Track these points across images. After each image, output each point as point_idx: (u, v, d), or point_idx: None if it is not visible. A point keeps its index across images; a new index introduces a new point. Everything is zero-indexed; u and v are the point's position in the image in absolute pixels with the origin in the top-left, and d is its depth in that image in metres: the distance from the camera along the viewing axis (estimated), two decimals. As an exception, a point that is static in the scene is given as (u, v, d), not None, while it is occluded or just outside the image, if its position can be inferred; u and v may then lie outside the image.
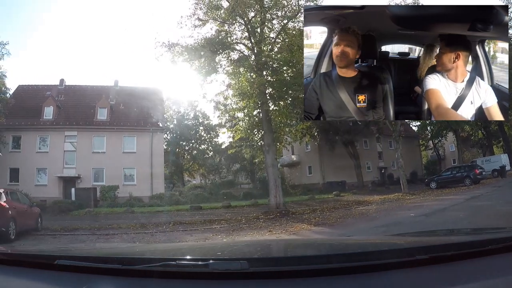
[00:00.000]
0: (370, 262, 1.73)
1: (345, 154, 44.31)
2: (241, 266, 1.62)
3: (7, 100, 34.40)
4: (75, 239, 14.45)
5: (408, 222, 13.25)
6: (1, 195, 14.11)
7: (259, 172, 45.42)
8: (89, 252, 2.88)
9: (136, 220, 19.71)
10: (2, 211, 13.55)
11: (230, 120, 31.39)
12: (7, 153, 34.01)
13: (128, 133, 37.35)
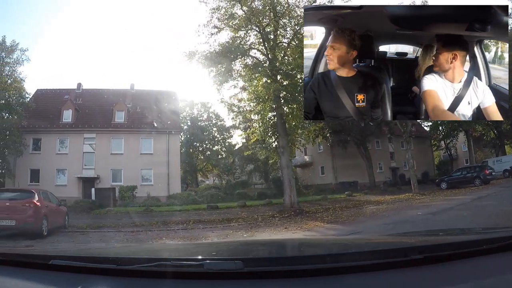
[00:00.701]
0: (364, 262, 1.76)
1: (357, 154, 44.61)
2: (236, 266, 1.65)
3: (28, 104, 35.64)
4: (104, 235, 15.47)
5: (415, 220, 14.07)
6: (35, 195, 15.24)
7: (272, 172, 45.82)
8: (84, 252, 2.87)
9: (157, 218, 20.62)
10: (36, 209, 14.62)
11: (245, 122, 32.30)
12: (28, 155, 35.32)
13: (145, 135, 38.46)
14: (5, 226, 14.10)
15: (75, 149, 37.40)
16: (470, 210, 15.06)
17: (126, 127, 38.61)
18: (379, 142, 48.65)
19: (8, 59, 34.86)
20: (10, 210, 14.28)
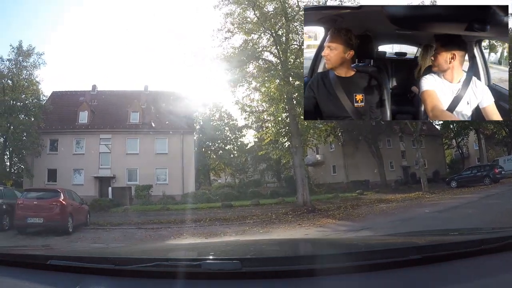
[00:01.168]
0: (363, 262, 1.77)
1: (369, 153, 44.80)
2: (234, 266, 1.66)
3: (45, 106, 36.97)
4: (126, 232, 16.38)
5: (421, 217, 14.92)
6: (60, 194, 16.18)
7: (285, 171, 46.23)
8: (82, 252, 2.87)
9: (174, 216, 21.47)
10: (62, 208, 15.57)
11: (257, 122, 33.00)
12: (45, 155, 36.62)
13: (159, 135, 39.36)
14: (34, 223, 15.12)
15: (91, 149, 38.38)
16: (476, 208, 15.76)
17: (141, 128, 39.51)
18: (390, 141, 48.94)
19: (25, 63, 36.15)
20: (38, 209, 15.29)
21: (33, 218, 15.10)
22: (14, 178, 40.16)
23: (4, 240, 14.25)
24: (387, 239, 3.19)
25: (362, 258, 1.84)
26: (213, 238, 13.05)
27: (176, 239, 13.73)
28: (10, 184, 35.64)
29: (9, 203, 17.02)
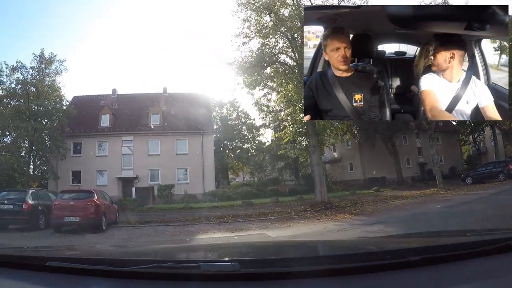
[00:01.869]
0: (361, 263, 1.77)
1: (385, 150, 45.42)
2: (232, 267, 1.67)
3: (69, 111, 38.58)
4: (155, 229, 17.45)
5: (432, 212, 15.82)
6: (94, 194, 17.48)
7: (302, 169, 46.56)
8: (81, 253, 2.87)
9: (197, 213, 22.50)
10: (96, 207, 16.84)
11: (274, 121, 34.01)
12: (69, 158, 38.25)
13: (180, 136, 40.68)
14: (71, 222, 16.34)
15: (114, 151, 40.12)
16: (485, 204, 16.58)
17: (162, 129, 40.99)
18: (407, 138, 49.26)
19: (47, 70, 38.01)
20: (74, 208, 16.54)
21: (70, 217, 16.28)
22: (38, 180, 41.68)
23: (43, 238, 15.16)
24: (386, 241, 3.20)
25: (361, 260, 1.86)
26: (238, 233, 14.20)
27: (204, 234, 14.84)
28: (35, 186, 37.25)
29: (44, 204, 18.45)
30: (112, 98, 45.52)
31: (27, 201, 17.68)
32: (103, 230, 16.72)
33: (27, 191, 19.75)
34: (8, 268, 2.07)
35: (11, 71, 41.37)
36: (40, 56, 37.50)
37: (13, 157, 39.37)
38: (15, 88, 39.81)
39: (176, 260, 2.08)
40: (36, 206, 17.93)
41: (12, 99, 39.77)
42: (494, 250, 1.92)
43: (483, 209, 14.98)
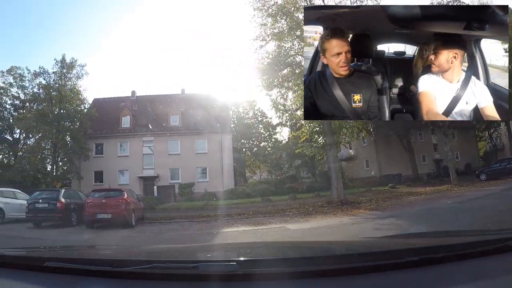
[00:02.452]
0: (360, 264, 1.79)
1: (401, 147, 45.80)
2: (231, 268, 1.70)
3: (91, 113, 40.43)
4: (182, 224, 18.74)
5: (443, 207, 16.71)
6: (124, 192, 18.83)
7: (319, 167, 46.92)
8: (79, 254, 2.88)
9: (219, 210, 23.82)
10: (127, 204, 18.15)
11: (291, 119, 34.93)
12: (91, 158, 40.27)
13: (199, 136, 42.01)
14: (103, 218, 17.52)
15: (135, 151, 41.82)
16: (495, 200, 17.40)
17: (181, 130, 42.51)
18: (422, 134, 49.20)
19: (69, 74, 39.95)
20: (106, 206, 17.77)
21: (102, 214, 17.45)
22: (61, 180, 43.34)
23: (77, 234, 16.29)
24: (385, 241, 3.20)
25: (360, 260, 1.88)
26: (260, 226, 15.35)
27: (229, 228, 15.95)
28: (59, 186, 38.91)
29: (75, 202, 19.93)
30: (132, 100, 47.33)
31: (60, 200, 19.02)
32: (132, 226, 17.85)
33: (60, 190, 21.26)
34: (6, 268, 2.09)
35: (33, 76, 43.64)
36: (62, 61, 39.60)
37: (37, 159, 41.28)
38: (38, 92, 41.89)
39: (174, 260, 2.11)
40: (69, 204, 19.26)
41: (35, 103, 41.63)
42: (493, 250, 1.95)
43: (492, 204, 15.77)
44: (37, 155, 42.01)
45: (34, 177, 40.63)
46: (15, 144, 48.08)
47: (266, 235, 12.77)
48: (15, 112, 48.58)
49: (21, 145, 48.23)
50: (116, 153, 41.90)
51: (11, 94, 48.34)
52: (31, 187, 32.06)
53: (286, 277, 1.71)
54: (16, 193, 23.27)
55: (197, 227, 17.44)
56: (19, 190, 24.54)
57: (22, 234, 16.06)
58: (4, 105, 48.47)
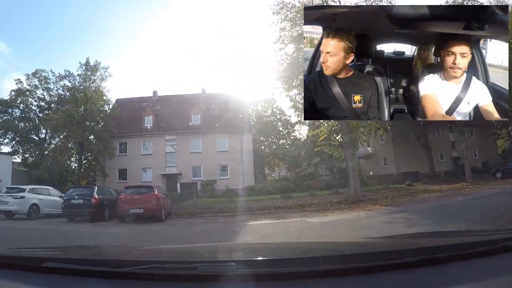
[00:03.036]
0: (359, 264, 1.81)
1: (418, 145, 46.27)
2: (229, 268, 1.74)
3: (115, 113, 42.42)
4: (208, 218, 20.17)
5: (454, 204, 17.80)
6: (155, 189, 20.43)
7: (337, 164, 47.45)
8: (78, 254, 2.86)
9: (241, 206, 25.05)
10: (157, 200, 19.74)
11: (310, 118, 35.97)
12: (116, 157, 42.02)
13: (220, 134, 43.40)
14: (136, 213, 18.98)
15: (158, 150, 43.49)
16: (505, 197, 18.37)
17: (203, 128, 44.04)
18: (440, 132, 49.60)
19: (93, 76, 42.03)
20: (138, 201, 19.33)
21: (135, 209, 18.94)
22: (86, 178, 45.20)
23: (113, 227, 17.52)
24: (385, 242, 3.21)
25: (359, 260, 1.90)
26: (282, 220, 16.77)
27: (253, 221, 17.45)
28: (84, 183, 40.80)
29: (108, 198, 21.58)
30: (154, 100, 49.28)
31: (94, 196, 20.70)
32: (162, 220, 19.38)
33: (94, 187, 22.95)
34: (4, 269, 2.09)
35: (57, 78, 45.80)
36: (86, 64, 41.63)
37: (63, 157, 43.22)
38: (63, 94, 43.89)
39: (173, 261, 2.12)
40: (102, 200, 20.95)
41: (61, 104, 43.59)
42: (492, 250, 1.96)
43: (501, 201, 16.60)
44: (63, 154, 43.92)
45: (60, 175, 42.54)
46: (41, 143, 50.09)
47: (287, 227, 14.05)
48: (40, 113, 50.73)
49: (47, 145, 50.35)
50: (140, 151, 43.61)
51: (37, 96, 50.46)
52: (57, 184, 33.72)
53: (285, 277, 1.73)
54: (49, 190, 25.05)
55: (223, 220, 18.89)
56: (51, 187, 26.34)
57: (59, 228, 17.36)
58: (30, 107, 50.63)
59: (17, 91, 49.02)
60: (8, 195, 22.14)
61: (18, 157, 48.75)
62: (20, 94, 48.90)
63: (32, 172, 43.81)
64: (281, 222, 15.95)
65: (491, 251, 1.97)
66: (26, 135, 49.89)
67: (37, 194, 23.22)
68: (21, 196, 21.87)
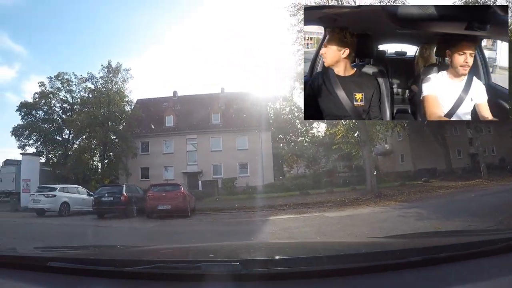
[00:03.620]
0: (362, 264, 1.82)
1: (435, 142, 46.59)
2: (233, 268, 1.73)
3: (137, 113, 43.88)
4: (231, 214, 21.37)
5: (465, 199, 18.76)
6: (181, 187, 21.76)
7: (355, 161, 47.78)
8: (82, 254, 2.85)
9: (262, 202, 25.84)
10: (184, 197, 20.93)
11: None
12: (138, 156, 43.40)
13: (239, 133, 44.71)
14: (164, 209, 19.90)
15: (179, 148, 44.99)
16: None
17: (223, 128, 45.31)
18: (457, 129, 49.67)
19: (115, 78, 43.50)
20: (166, 198, 20.34)
21: (163, 205, 19.92)
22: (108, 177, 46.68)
23: (142, 222, 18.45)
24: (387, 241, 3.22)
25: (361, 260, 1.92)
26: (302, 215, 17.93)
27: (275, 216, 18.55)
28: (107, 182, 42.28)
29: (135, 195, 22.80)
30: (174, 100, 50.77)
31: (123, 194, 21.69)
32: (188, 216, 20.37)
33: (122, 186, 24.06)
34: (8, 268, 2.11)
35: (80, 81, 47.59)
36: (108, 67, 43.12)
37: (87, 157, 44.86)
38: (86, 96, 45.47)
39: (177, 260, 2.17)
40: (131, 198, 21.95)
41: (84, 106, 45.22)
42: (496, 250, 1.97)
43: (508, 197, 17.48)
44: (87, 154, 45.56)
45: (84, 174, 44.21)
46: (65, 144, 51.82)
47: (307, 221, 15.15)
48: (63, 114, 52.30)
49: (70, 145, 52.01)
50: (161, 150, 45.04)
51: (60, 98, 52.09)
52: (81, 183, 34.88)
53: (290, 277, 1.74)
54: (78, 189, 26.38)
55: (245, 215, 20.01)
56: (80, 186, 27.76)
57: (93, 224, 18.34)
58: (53, 108, 52.31)
59: (40, 94, 50.70)
60: (40, 194, 23.36)
61: (42, 157, 49.66)
62: (44, 97, 50.52)
63: (56, 172, 45.42)
64: (301, 217, 17.08)
65: (496, 250, 1.98)
66: (50, 136, 51.42)
67: (67, 193, 24.42)
68: (52, 195, 23.09)
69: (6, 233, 14.07)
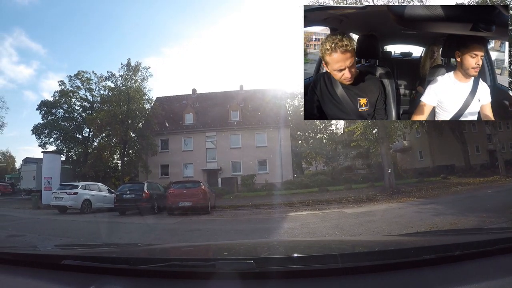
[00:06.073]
0: (377, 262, 1.84)
1: (454, 138, 46.56)
2: (248, 266, 1.74)
3: (158, 112, 44.60)
4: (251, 211, 21.87)
5: (482, 196, 19.17)
6: (201, 184, 22.33)
7: (373, 158, 47.97)
8: (96, 252, 2.88)
9: (281, 199, 26.45)
10: (204, 194, 21.57)
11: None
12: (158, 153, 44.06)
13: (258, 130, 45.31)
14: (185, 206, 20.65)
15: (199, 146, 45.74)
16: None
17: (242, 125, 45.89)
18: (475, 125, 49.39)
19: (134, 76, 43.83)
20: (187, 195, 21.01)
21: (184, 202, 20.55)
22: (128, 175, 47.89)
23: (165, 218, 19.10)
24: (402, 239, 3.24)
25: (376, 258, 1.92)
26: (321, 211, 18.51)
27: (294, 212, 19.20)
28: (127, 179, 43.15)
29: (156, 193, 23.52)
30: (193, 98, 51.66)
31: (145, 191, 22.34)
32: (209, 212, 20.94)
33: (144, 183, 24.55)
34: (23, 266, 2.16)
35: (100, 79, 48.50)
36: (127, 65, 43.63)
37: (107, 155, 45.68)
38: (106, 94, 46.36)
39: (191, 258, 2.19)
40: (152, 195, 22.65)
41: (103, 104, 46.03)
42: (510, 248, 1.98)
43: None
44: (107, 152, 46.36)
45: (104, 172, 45.16)
46: (85, 142, 53.27)
47: (326, 217, 15.78)
48: (83, 112, 53.77)
49: (90, 143, 53.45)
50: (181, 148, 45.92)
51: (79, 97, 53.64)
52: (102, 180, 35.62)
53: (303, 275, 1.76)
54: (99, 186, 27.01)
55: (265, 212, 20.52)
56: (101, 184, 28.43)
57: (116, 220, 18.60)
58: (73, 107, 53.86)
59: (60, 92, 52.29)
60: (62, 191, 23.99)
61: (62, 155, 50.65)
62: (64, 95, 52.10)
63: (76, 170, 46.54)
64: (320, 213, 17.69)
65: (499, 251, 1.98)
66: (70, 134, 52.77)
67: (89, 190, 25.02)
68: (74, 192, 23.71)
69: (32, 230, 14.55)
